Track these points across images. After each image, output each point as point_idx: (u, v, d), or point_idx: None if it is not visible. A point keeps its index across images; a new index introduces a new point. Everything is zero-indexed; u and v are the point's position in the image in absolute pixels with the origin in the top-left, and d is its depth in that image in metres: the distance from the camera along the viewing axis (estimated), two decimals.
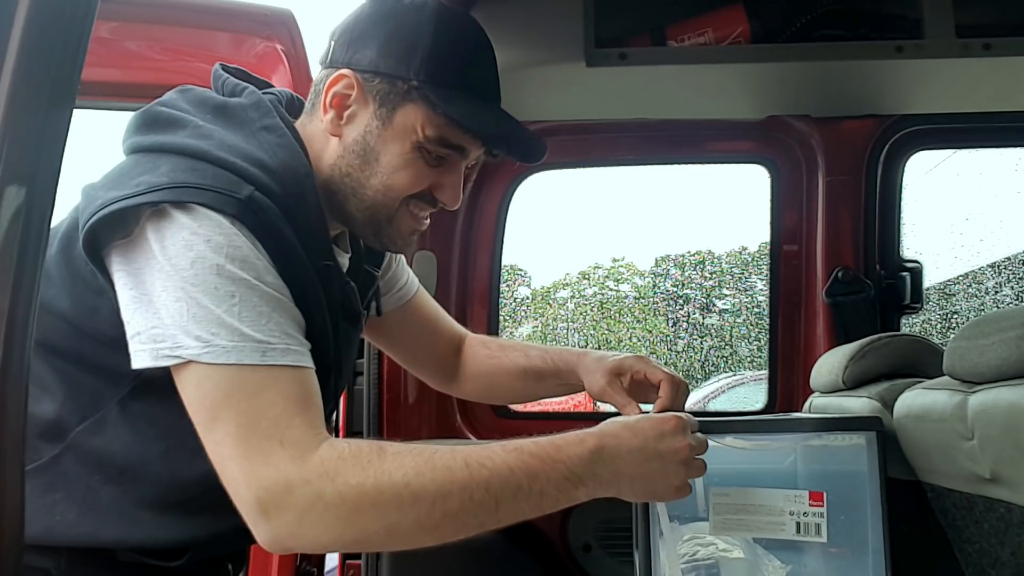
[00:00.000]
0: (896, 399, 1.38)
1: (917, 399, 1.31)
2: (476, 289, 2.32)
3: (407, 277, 1.42)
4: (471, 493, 0.90)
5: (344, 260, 1.17)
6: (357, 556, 2.13)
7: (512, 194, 2.33)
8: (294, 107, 1.16)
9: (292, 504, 0.84)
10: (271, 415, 0.87)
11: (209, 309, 0.88)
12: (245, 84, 1.10)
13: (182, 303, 0.88)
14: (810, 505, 1.32)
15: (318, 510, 0.85)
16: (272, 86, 1.18)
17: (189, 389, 0.89)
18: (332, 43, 1.08)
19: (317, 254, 1.04)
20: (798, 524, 1.32)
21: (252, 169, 0.97)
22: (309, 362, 0.94)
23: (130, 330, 0.91)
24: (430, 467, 0.89)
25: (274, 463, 0.85)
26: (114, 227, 0.93)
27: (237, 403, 0.87)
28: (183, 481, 1.00)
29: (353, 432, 2.13)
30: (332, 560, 2.31)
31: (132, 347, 0.91)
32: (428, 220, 1.13)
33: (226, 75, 1.12)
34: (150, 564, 1.01)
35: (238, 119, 1.03)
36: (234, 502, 0.87)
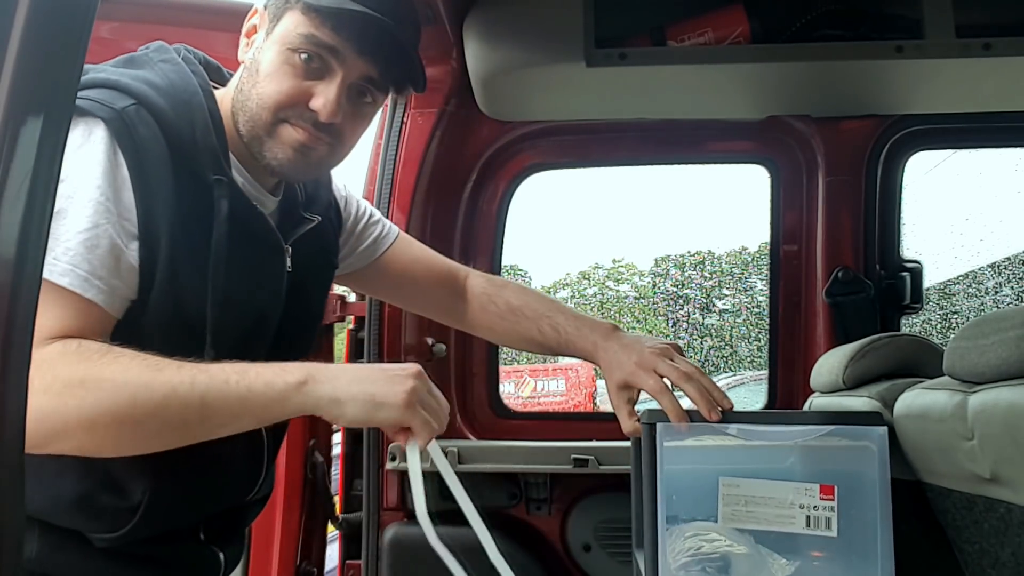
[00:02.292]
0: (896, 399, 1.38)
1: (917, 399, 1.30)
2: None
3: (382, 228, 1.46)
4: (175, 387, 0.89)
5: (268, 201, 1.19)
6: (357, 556, 2.14)
7: (512, 194, 2.33)
8: (221, 75, 1.22)
9: None
10: None
11: None
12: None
13: None
14: (821, 498, 1.32)
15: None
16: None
17: None
18: None
19: (207, 168, 1.05)
20: (808, 518, 1.32)
21: (136, 84, 1.01)
22: (96, 296, 0.94)
23: None
24: (140, 362, 0.90)
25: None
26: None
27: None
28: None
29: (353, 435, 2.13)
30: (332, 560, 2.32)
31: None
32: (318, 139, 1.11)
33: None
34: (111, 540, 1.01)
35: (139, 61, 1.09)
36: None
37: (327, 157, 1.15)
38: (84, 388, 0.86)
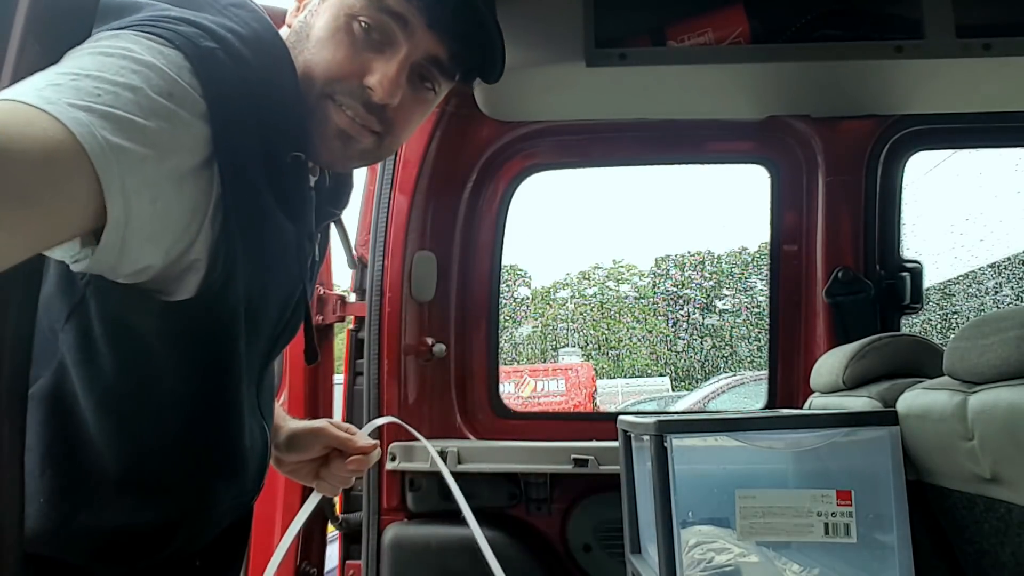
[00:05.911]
0: (896, 399, 1.38)
1: (917, 399, 1.30)
2: (476, 290, 2.32)
3: None
4: None
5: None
6: (357, 556, 2.14)
7: (512, 194, 2.33)
8: None
9: None
10: None
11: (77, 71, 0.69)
12: None
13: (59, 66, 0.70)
14: (838, 505, 1.31)
15: None
16: None
17: None
18: None
19: (287, 141, 0.89)
20: (826, 525, 1.31)
21: (221, 30, 0.82)
22: (107, 159, 0.66)
23: None
24: None
25: None
26: None
27: None
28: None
29: None
30: (332, 560, 2.32)
31: None
32: (364, 127, 0.94)
33: None
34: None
35: (200, 3, 0.87)
36: None
37: (371, 150, 0.97)
38: None
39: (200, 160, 0.78)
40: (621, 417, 1.73)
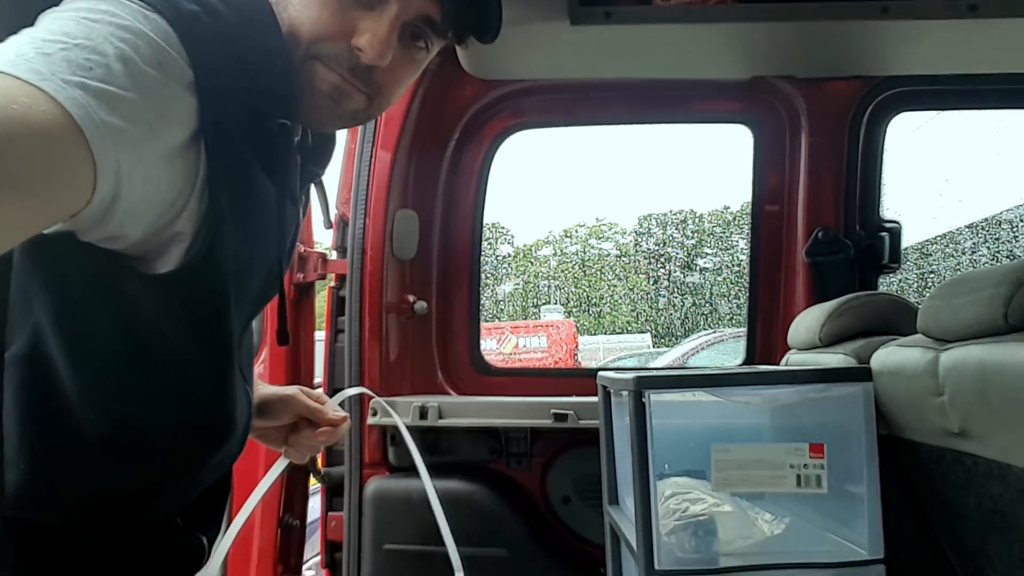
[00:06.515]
0: (871, 356, 1.41)
1: (891, 356, 1.33)
2: (457, 248, 2.33)
3: None
4: None
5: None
6: (339, 508, 2.17)
7: (495, 152, 2.32)
8: None
9: None
10: None
11: (51, 38, 0.66)
12: None
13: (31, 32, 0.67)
14: (811, 457, 1.35)
15: None
16: None
17: None
18: None
19: (274, 104, 0.86)
20: (799, 477, 1.35)
21: None
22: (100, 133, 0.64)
23: None
24: None
25: None
26: None
27: None
28: None
29: (334, 389, 2.14)
30: (314, 512, 2.35)
31: None
32: (354, 87, 0.90)
33: None
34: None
35: None
36: None
37: (362, 110, 0.93)
38: None
39: (188, 134, 0.76)
40: (601, 373, 1.76)
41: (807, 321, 1.76)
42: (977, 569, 1.21)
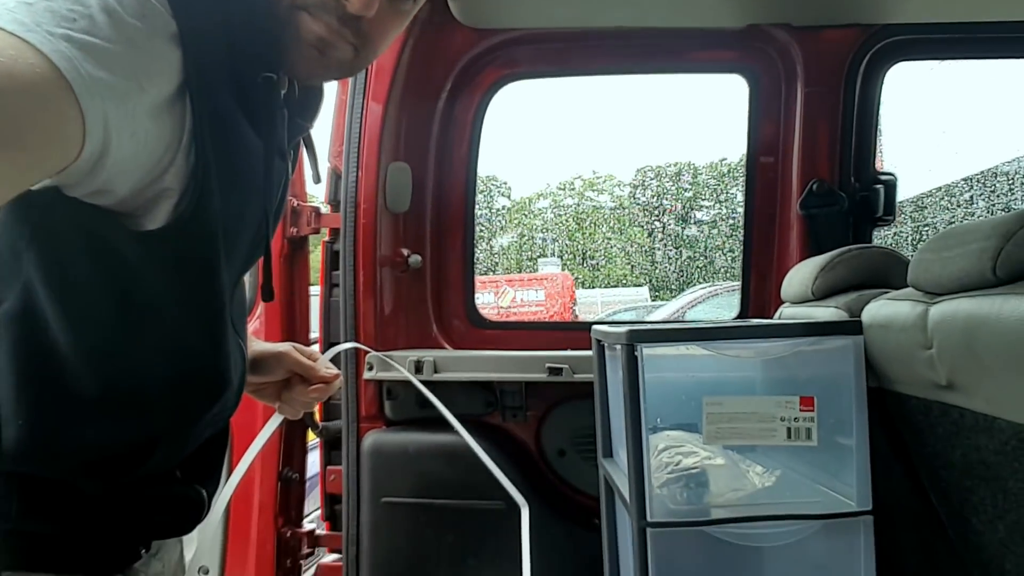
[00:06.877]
0: (862, 309, 1.42)
1: (882, 309, 1.34)
2: (451, 200, 2.31)
3: None
4: None
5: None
6: (337, 462, 2.19)
7: (488, 104, 2.29)
8: None
9: None
10: None
11: None
12: None
13: None
14: (801, 410, 1.36)
15: None
16: None
17: None
18: None
19: (259, 56, 0.85)
20: (789, 429, 1.37)
21: None
22: (83, 84, 0.63)
23: None
24: None
25: None
26: None
27: None
28: None
29: (330, 344, 2.15)
30: (314, 467, 2.38)
31: None
32: (341, 37, 0.89)
33: None
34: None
35: None
36: None
37: (350, 61, 0.92)
38: None
39: (173, 88, 0.75)
40: (595, 327, 1.76)
41: (800, 274, 1.76)
42: (962, 519, 1.23)
